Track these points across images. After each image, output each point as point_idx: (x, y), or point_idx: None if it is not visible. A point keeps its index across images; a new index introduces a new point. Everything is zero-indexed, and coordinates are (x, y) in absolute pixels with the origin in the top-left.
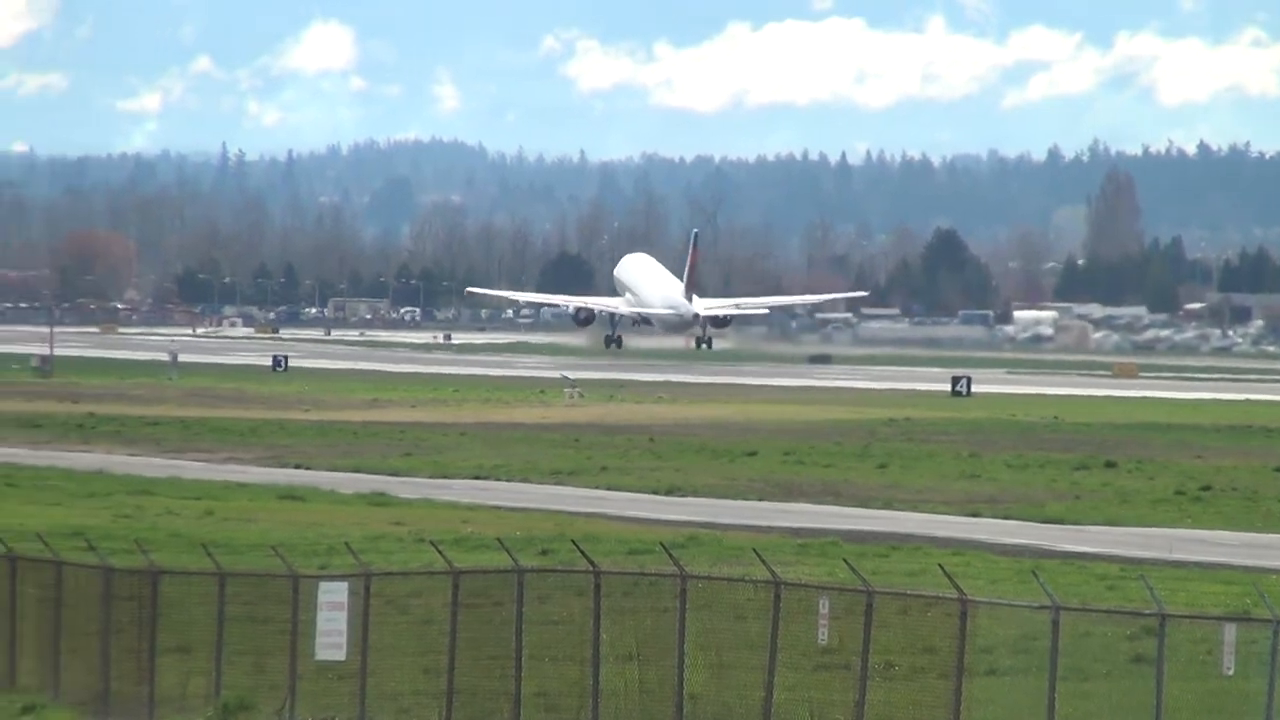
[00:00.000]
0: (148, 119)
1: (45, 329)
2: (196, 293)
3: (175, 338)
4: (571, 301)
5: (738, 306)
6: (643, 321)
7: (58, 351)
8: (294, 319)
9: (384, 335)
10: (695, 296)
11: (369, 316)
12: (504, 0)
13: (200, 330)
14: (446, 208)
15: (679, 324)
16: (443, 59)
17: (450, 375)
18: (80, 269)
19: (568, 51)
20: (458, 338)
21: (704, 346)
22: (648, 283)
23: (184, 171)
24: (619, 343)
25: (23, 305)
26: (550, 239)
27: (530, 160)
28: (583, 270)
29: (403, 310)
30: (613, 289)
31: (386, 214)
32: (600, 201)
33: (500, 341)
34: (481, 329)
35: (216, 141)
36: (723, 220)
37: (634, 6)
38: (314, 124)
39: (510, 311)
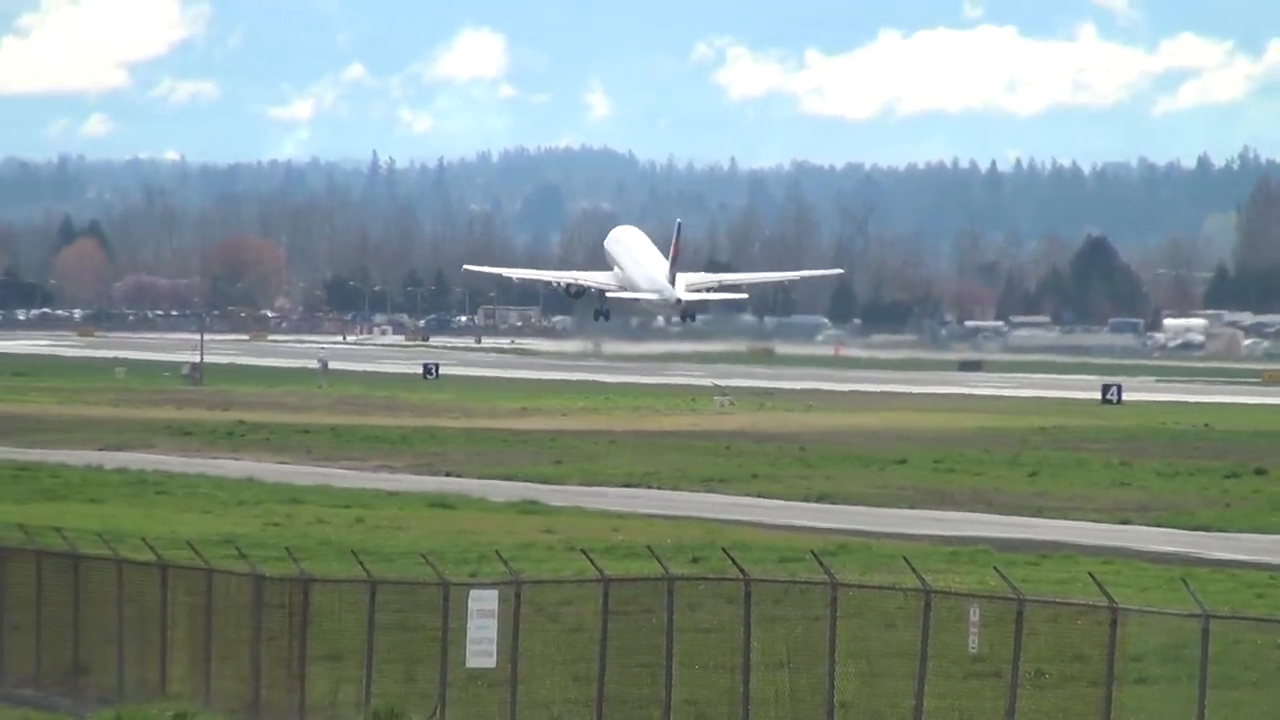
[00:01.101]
0: (299, 127)
1: (196, 336)
2: (346, 300)
3: (325, 345)
4: (563, 277)
5: (720, 284)
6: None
7: (208, 359)
8: (444, 326)
9: (534, 343)
10: (678, 275)
11: (520, 324)
12: (655, 8)
13: (350, 338)
14: (597, 215)
15: (662, 305)
16: (594, 66)
17: (601, 383)
18: (231, 277)
19: (719, 59)
20: (608, 346)
21: (688, 320)
22: (634, 260)
23: (334, 179)
24: (607, 315)
25: (174, 313)
26: (700, 247)
27: (680, 168)
28: None
29: (554, 318)
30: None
31: (537, 221)
32: (751, 209)
33: (651, 352)
34: (631, 337)
35: (367, 149)
36: (873, 228)
37: (785, 14)
38: (465, 131)
39: (661, 319)
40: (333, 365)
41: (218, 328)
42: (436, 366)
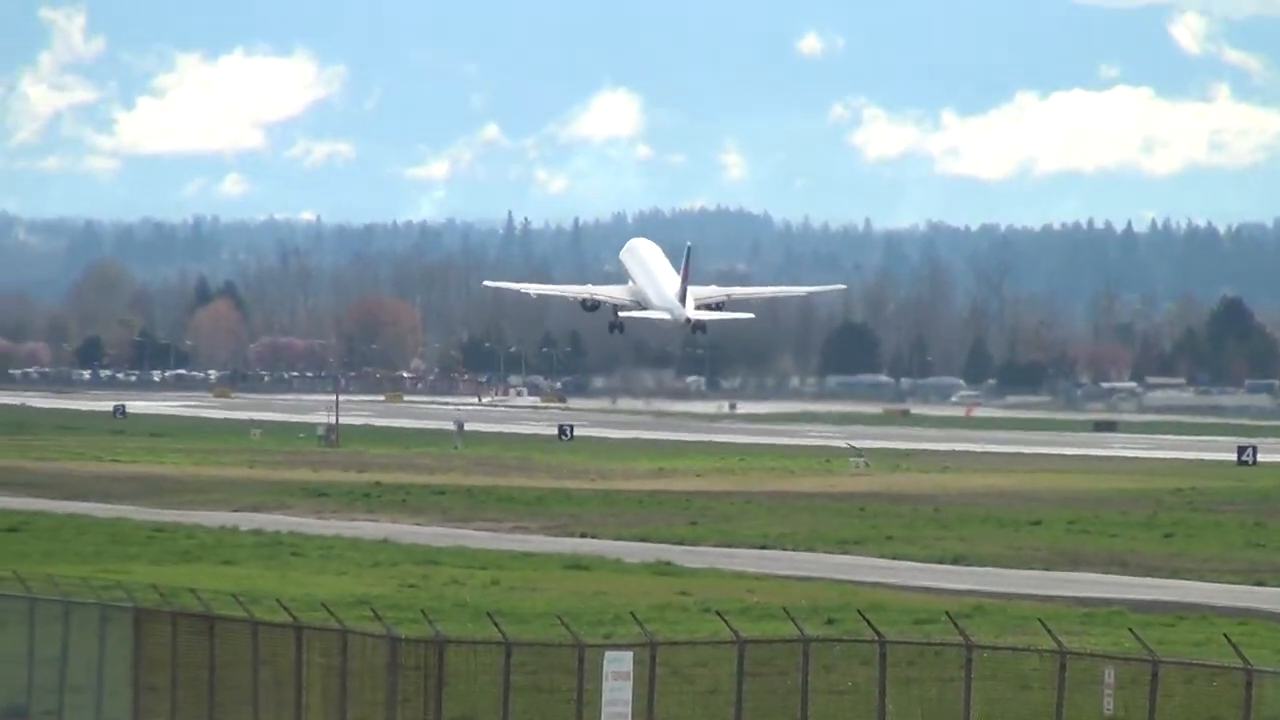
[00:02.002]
0: (435, 187)
1: (332, 397)
2: (481, 361)
3: (461, 406)
4: (579, 292)
5: (729, 297)
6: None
7: (343, 420)
8: (581, 388)
9: (669, 405)
10: (689, 290)
11: (654, 386)
12: (792, 69)
13: (486, 399)
14: (731, 276)
15: (672, 326)
16: (729, 127)
17: (736, 444)
18: (366, 337)
19: (854, 120)
20: (743, 407)
21: (699, 333)
22: (647, 274)
23: (469, 239)
24: (621, 329)
25: (309, 374)
26: (835, 308)
27: (815, 228)
28: (867, 340)
29: (688, 379)
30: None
31: None
32: (885, 270)
33: (787, 411)
34: (766, 398)
35: (503, 209)
36: (1008, 289)
37: (921, 75)
38: (600, 192)
39: (796, 380)
40: (468, 427)
41: (353, 388)
42: (571, 428)
